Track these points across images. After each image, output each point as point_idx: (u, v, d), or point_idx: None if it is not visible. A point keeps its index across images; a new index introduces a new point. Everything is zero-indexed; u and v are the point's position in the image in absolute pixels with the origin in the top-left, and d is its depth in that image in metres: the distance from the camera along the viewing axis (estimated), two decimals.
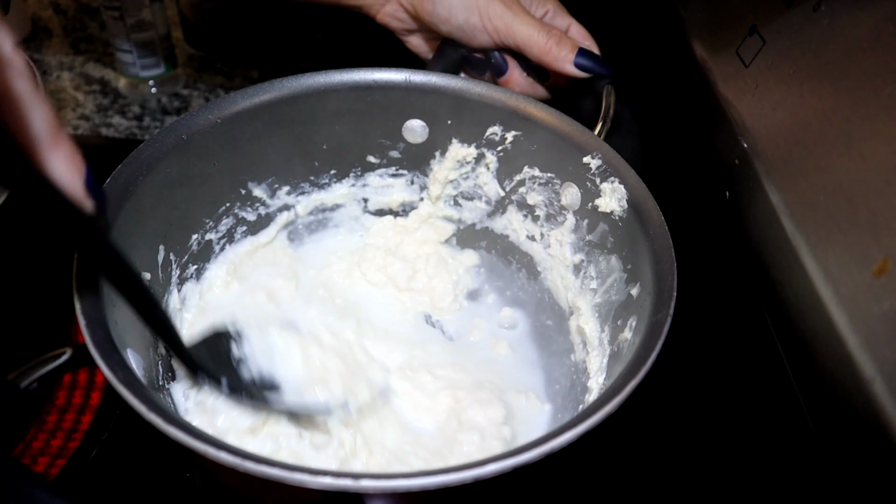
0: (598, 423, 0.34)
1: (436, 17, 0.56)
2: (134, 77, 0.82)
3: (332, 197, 0.58)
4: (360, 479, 0.30)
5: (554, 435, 0.33)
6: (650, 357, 0.37)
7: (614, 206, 0.48)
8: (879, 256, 0.38)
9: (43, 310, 0.57)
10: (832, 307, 0.41)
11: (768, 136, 0.51)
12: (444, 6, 0.55)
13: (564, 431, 0.33)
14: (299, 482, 0.30)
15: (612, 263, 0.49)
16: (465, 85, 0.53)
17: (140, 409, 0.32)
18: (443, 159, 0.57)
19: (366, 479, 0.30)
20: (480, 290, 0.61)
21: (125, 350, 0.37)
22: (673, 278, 0.41)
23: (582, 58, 0.55)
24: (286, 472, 0.30)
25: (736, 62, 0.55)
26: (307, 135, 0.54)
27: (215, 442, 0.31)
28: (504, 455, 0.32)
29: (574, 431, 0.33)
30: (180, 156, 0.47)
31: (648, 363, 0.36)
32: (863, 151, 0.42)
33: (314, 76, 0.51)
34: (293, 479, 0.30)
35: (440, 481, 0.31)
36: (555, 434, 0.33)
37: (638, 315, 0.42)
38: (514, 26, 0.54)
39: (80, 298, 0.36)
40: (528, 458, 0.32)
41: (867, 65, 0.43)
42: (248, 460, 0.30)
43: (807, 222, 0.45)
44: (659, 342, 0.37)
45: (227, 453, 0.31)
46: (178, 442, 0.31)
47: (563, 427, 0.33)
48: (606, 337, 0.48)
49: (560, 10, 0.59)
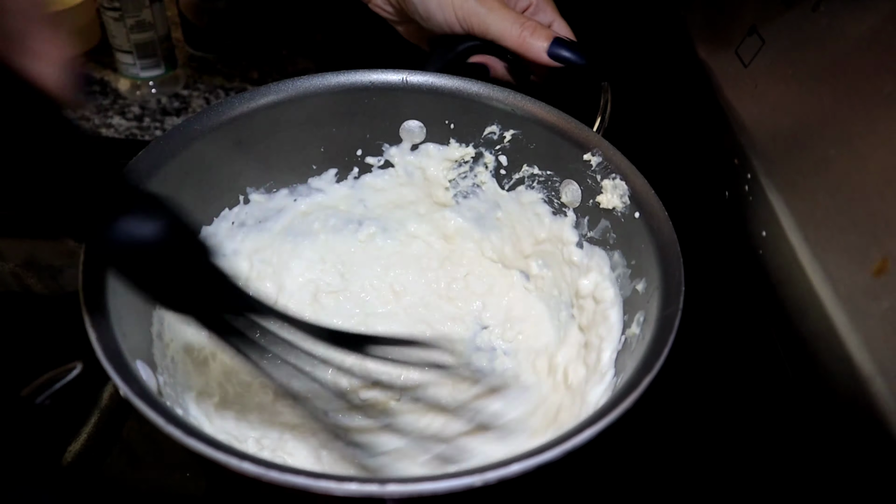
0: (617, 418, 0.34)
1: (417, 15, 0.57)
2: (134, 78, 0.82)
3: (330, 199, 0.58)
4: (386, 485, 0.30)
5: (576, 431, 0.33)
6: (663, 352, 0.37)
7: (616, 202, 0.48)
8: (878, 256, 0.38)
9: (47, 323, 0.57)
10: (831, 307, 0.41)
11: (768, 136, 0.51)
12: (423, 6, 0.55)
13: (586, 427, 0.33)
14: (325, 490, 0.30)
15: (615, 259, 0.49)
16: (462, 84, 0.53)
17: (158, 423, 0.32)
18: (441, 160, 0.57)
19: (392, 484, 0.30)
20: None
21: (135, 362, 0.37)
22: (680, 272, 0.41)
23: (557, 47, 0.54)
24: (311, 481, 0.30)
25: (735, 62, 0.55)
26: (305, 137, 0.54)
27: (238, 453, 0.31)
28: (528, 454, 0.32)
29: (597, 427, 0.33)
30: (179, 162, 0.47)
31: (662, 358, 0.36)
32: (863, 151, 0.42)
33: (311, 78, 0.51)
34: (318, 487, 0.30)
35: (466, 482, 0.31)
36: (577, 430, 0.33)
37: (645, 310, 0.43)
38: (488, 21, 0.54)
39: (89, 311, 0.36)
40: (551, 456, 0.32)
41: (867, 65, 0.43)
42: (273, 470, 0.30)
43: (806, 222, 0.45)
44: (671, 337, 0.38)
45: (250, 464, 0.31)
46: (199, 454, 0.31)
47: (585, 423, 0.33)
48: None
49: (545, 5, 0.59)
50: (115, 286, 0.39)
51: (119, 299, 0.39)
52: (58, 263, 0.62)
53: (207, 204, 0.52)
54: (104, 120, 0.81)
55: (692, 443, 0.53)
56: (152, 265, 0.33)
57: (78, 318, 0.36)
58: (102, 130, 0.80)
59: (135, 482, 0.49)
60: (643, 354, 0.38)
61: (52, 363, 0.37)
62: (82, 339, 0.35)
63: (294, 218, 0.58)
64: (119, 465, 0.50)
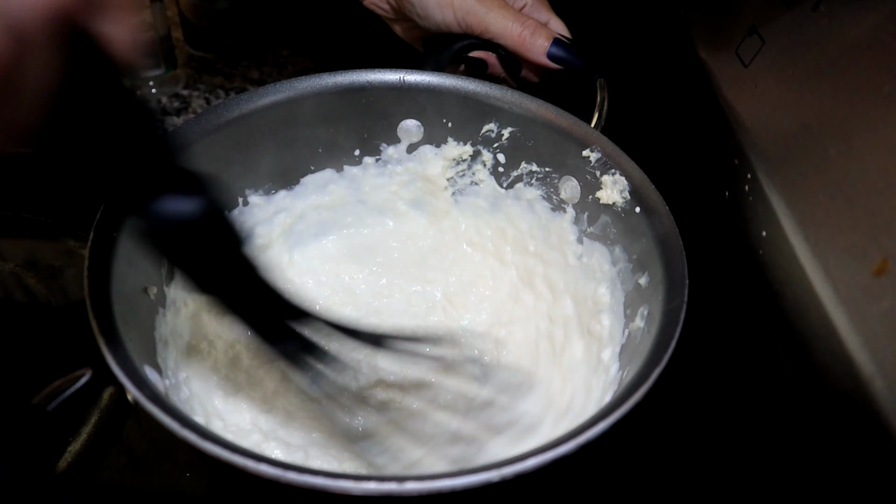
0: (629, 410, 0.34)
1: (414, 13, 0.56)
2: (134, 78, 0.82)
3: (329, 199, 0.58)
4: (404, 483, 0.30)
5: (590, 424, 0.33)
6: (671, 344, 0.37)
7: (616, 197, 0.48)
8: (878, 256, 0.38)
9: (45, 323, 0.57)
10: (831, 307, 0.41)
11: (768, 136, 0.51)
12: (421, 4, 0.55)
13: (599, 421, 0.33)
14: (343, 490, 0.30)
15: (615, 254, 0.49)
16: (459, 83, 0.53)
17: (173, 427, 0.32)
18: (439, 159, 0.57)
19: (410, 482, 0.30)
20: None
21: (143, 367, 0.37)
22: (683, 266, 0.41)
23: (557, 48, 0.54)
24: (329, 481, 0.30)
25: (735, 62, 0.55)
26: (303, 138, 0.54)
27: (255, 455, 0.31)
28: (544, 448, 0.32)
29: (609, 419, 0.33)
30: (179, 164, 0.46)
31: (670, 350, 0.37)
32: (862, 151, 0.42)
33: (310, 79, 0.51)
34: (336, 487, 0.30)
35: (484, 478, 0.31)
36: (590, 423, 0.33)
37: (649, 304, 0.43)
38: (487, 20, 0.54)
39: (97, 317, 0.36)
40: (566, 450, 0.32)
41: (867, 65, 0.43)
42: (290, 471, 0.30)
43: (806, 222, 0.45)
44: (677, 329, 0.38)
45: (267, 465, 0.31)
46: (215, 457, 0.31)
47: (598, 416, 0.34)
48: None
49: (540, 4, 0.59)
50: (120, 291, 0.39)
51: (124, 305, 0.39)
52: (58, 263, 0.62)
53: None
54: None
55: (692, 443, 0.53)
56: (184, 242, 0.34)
57: (83, 324, 0.36)
58: None
59: (135, 482, 0.49)
60: (651, 347, 0.38)
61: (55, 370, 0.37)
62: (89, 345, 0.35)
63: (293, 219, 0.58)
64: (119, 466, 0.50)
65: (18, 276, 0.61)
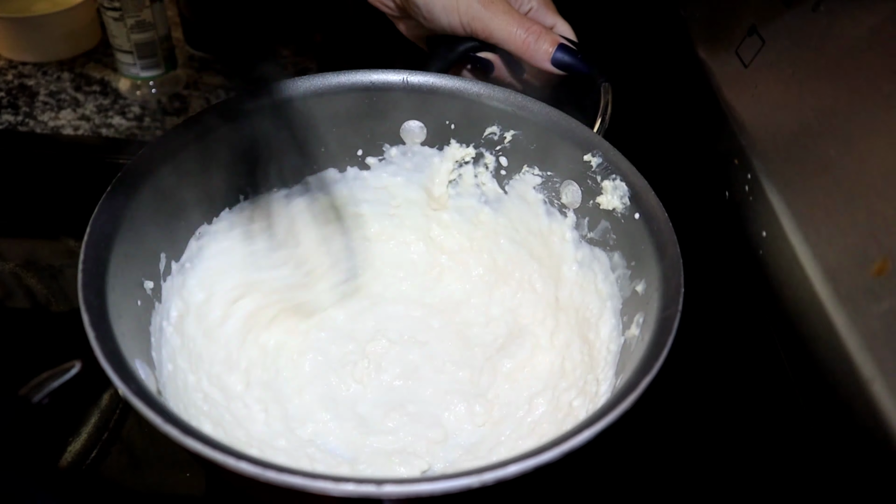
0: (615, 420, 0.34)
1: (420, 15, 0.56)
2: (134, 77, 0.82)
3: (329, 200, 0.58)
4: (382, 485, 0.30)
5: (574, 433, 0.33)
6: (662, 353, 0.37)
7: (616, 203, 0.48)
8: (879, 256, 0.38)
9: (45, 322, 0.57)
10: (831, 307, 0.41)
11: (768, 136, 0.51)
12: (426, 7, 0.55)
13: (584, 429, 0.33)
14: (321, 490, 0.30)
15: (614, 260, 0.49)
16: (462, 85, 0.53)
17: (156, 422, 0.32)
18: (441, 160, 0.57)
19: (389, 485, 0.30)
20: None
21: (133, 361, 0.37)
22: (680, 274, 0.41)
23: (561, 53, 0.54)
24: (308, 481, 0.30)
25: (735, 62, 0.55)
26: (305, 138, 0.54)
27: (235, 452, 0.31)
28: (526, 455, 0.32)
29: (594, 428, 0.33)
30: (179, 163, 0.46)
31: (660, 360, 0.36)
32: (862, 151, 0.42)
33: (311, 79, 0.51)
34: (315, 488, 0.30)
35: (462, 484, 0.31)
36: (575, 432, 0.33)
37: (645, 311, 0.43)
38: (492, 25, 0.54)
39: (88, 310, 0.36)
40: (549, 458, 0.32)
41: (867, 65, 0.43)
42: (270, 469, 0.30)
43: (806, 222, 0.45)
44: (670, 338, 0.38)
45: (247, 463, 0.31)
46: (196, 453, 0.31)
47: (583, 425, 0.33)
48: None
49: (546, 7, 0.59)
50: (114, 284, 0.39)
51: (118, 298, 0.39)
52: (58, 263, 0.62)
53: (207, 204, 0.52)
54: (104, 120, 0.81)
55: (692, 443, 0.53)
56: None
57: (77, 318, 0.36)
58: (102, 130, 0.80)
59: (135, 482, 0.49)
60: (642, 356, 0.37)
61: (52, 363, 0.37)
62: (82, 338, 0.35)
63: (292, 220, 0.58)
64: (119, 465, 0.50)
65: (18, 276, 0.61)
